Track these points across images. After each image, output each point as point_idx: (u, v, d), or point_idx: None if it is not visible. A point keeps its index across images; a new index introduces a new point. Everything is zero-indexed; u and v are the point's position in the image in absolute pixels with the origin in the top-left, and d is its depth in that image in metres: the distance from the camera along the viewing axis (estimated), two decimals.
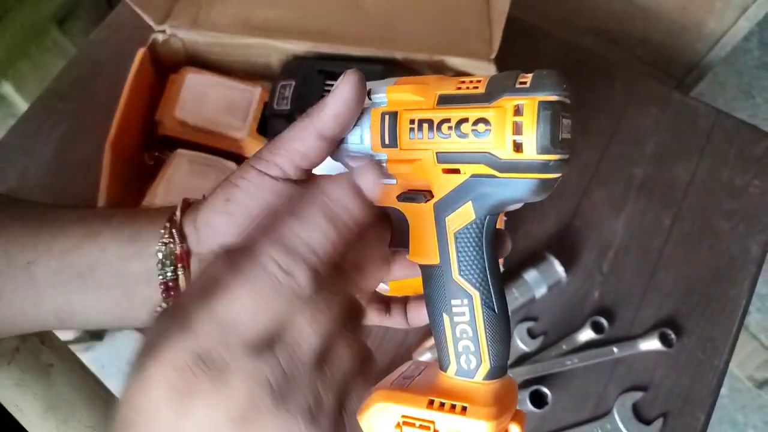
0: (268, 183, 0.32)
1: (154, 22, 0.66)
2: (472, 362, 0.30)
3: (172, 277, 0.33)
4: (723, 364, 0.66)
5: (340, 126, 0.31)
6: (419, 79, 0.31)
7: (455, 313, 0.30)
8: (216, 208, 0.32)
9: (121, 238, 0.34)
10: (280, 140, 0.32)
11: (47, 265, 0.34)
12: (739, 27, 0.90)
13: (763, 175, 0.74)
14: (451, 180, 0.30)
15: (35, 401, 0.44)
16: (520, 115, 0.27)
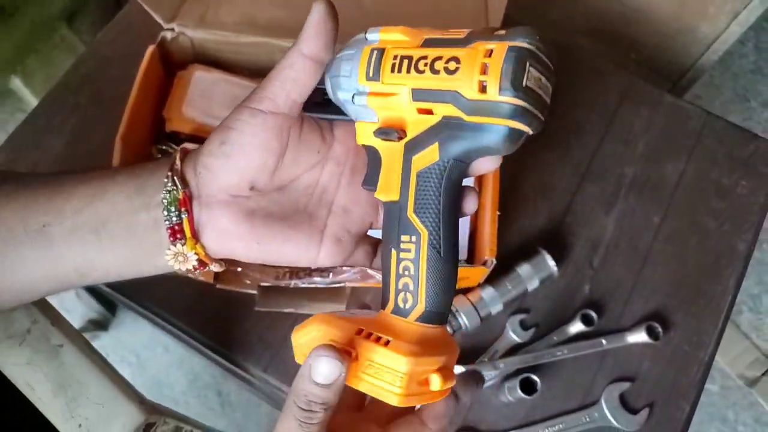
0: (261, 119, 0.34)
1: (163, 21, 0.68)
2: (408, 301, 0.32)
3: (177, 221, 0.35)
4: (708, 357, 0.68)
5: (321, 43, 0.34)
6: (415, 29, 0.33)
7: (402, 249, 0.32)
8: (212, 152, 0.34)
9: (129, 192, 0.35)
10: (272, 72, 0.34)
11: (62, 225, 0.35)
12: (731, 31, 0.92)
13: (750, 176, 0.77)
14: (424, 121, 0.32)
15: (46, 380, 0.46)
16: (489, 57, 0.29)
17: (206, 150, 0.34)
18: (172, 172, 0.35)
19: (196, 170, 0.35)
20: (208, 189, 0.35)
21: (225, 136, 0.34)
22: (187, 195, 0.34)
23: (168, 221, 0.34)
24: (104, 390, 0.45)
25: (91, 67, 0.78)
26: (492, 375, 0.65)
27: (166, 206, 0.34)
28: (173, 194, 0.34)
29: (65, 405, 0.44)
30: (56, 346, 0.45)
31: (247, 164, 0.34)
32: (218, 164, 0.34)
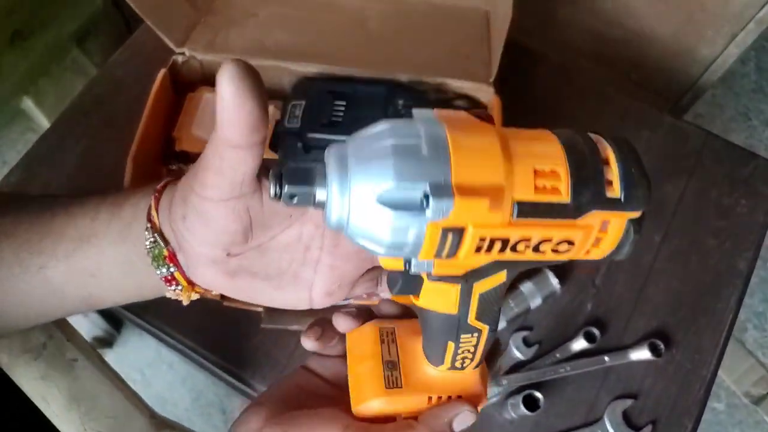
0: (210, 206, 0.31)
1: (175, 45, 0.70)
2: (466, 363, 0.33)
3: (168, 273, 0.35)
4: (710, 375, 0.69)
5: (244, 129, 0.28)
6: (476, 131, 0.25)
7: (462, 342, 0.31)
8: (177, 223, 0.32)
9: (113, 239, 0.35)
10: (203, 159, 0.30)
11: (57, 268, 0.35)
12: (730, 53, 0.94)
13: (750, 195, 0.78)
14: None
15: (60, 394, 0.47)
16: (605, 231, 0.26)
17: (174, 216, 0.32)
18: (151, 225, 0.34)
19: (172, 227, 0.33)
20: (188, 248, 0.33)
21: (184, 211, 0.31)
22: (171, 252, 0.34)
23: (159, 273, 0.34)
24: (117, 404, 0.46)
25: (104, 89, 0.81)
26: (495, 392, 0.65)
27: (154, 259, 0.34)
28: (158, 248, 0.34)
29: (78, 419, 0.45)
30: (71, 360, 0.46)
31: (214, 239, 0.32)
32: (187, 234, 0.32)
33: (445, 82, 0.71)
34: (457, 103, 0.71)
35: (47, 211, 0.36)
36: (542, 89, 0.83)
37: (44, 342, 0.48)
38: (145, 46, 0.83)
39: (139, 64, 0.81)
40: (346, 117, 0.66)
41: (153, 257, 0.34)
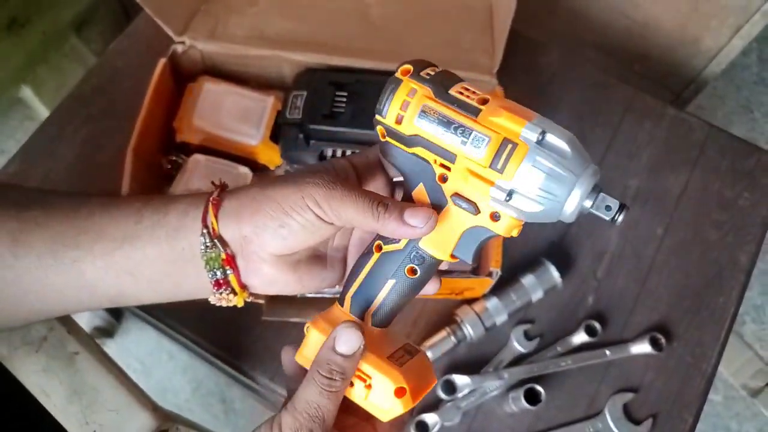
0: (318, 225, 0.36)
1: (174, 34, 0.69)
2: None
3: (222, 276, 0.37)
4: (711, 369, 0.69)
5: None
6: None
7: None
8: (267, 228, 0.36)
9: (158, 241, 0.36)
10: (343, 205, 0.35)
11: (93, 264, 0.36)
12: (734, 44, 0.93)
13: (753, 188, 0.77)
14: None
15: (61, 387, 0.47)
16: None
17: (261, 223, 0.36)
18: (207, 230, 0.36)
19: (241, 232, 0.36)
20: (255, 249, 0.36)
21: (284, 221, 0.35)
22: (230, 256, 0.36)
23: (212, 275, 0.36)
24: (118, 397, 0.46)
25: (103, 78, 0.80)
26: (496, 385, 0.65)
27: (208, 262, 0.36)
28: (214, 252, 0.36)
29: (80, 411, 0.45)
30: (72, 353, 0.46)
31: (298, 246, 0.36)
32: (271, 241, 0.36)
33: None
34: None
35: (83, 208, 0.38)
36: (545, 79, 0.83)
37: (45, 335, 0.48)
38: (144, 35, 0.82)
39: (139, 53, 0.81)
40: (347, 108, 0.66)
41: (207, 260, 0.36)
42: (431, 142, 0.35)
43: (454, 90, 0.35)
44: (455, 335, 0.66)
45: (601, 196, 0.34)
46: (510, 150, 0.33)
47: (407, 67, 0.36)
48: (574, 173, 0.33)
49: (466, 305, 0.67)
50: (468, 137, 0.34)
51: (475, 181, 0.35)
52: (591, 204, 0.34)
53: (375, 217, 0.35)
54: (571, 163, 0.33)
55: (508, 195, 0.34)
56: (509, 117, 0.34)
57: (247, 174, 0.67)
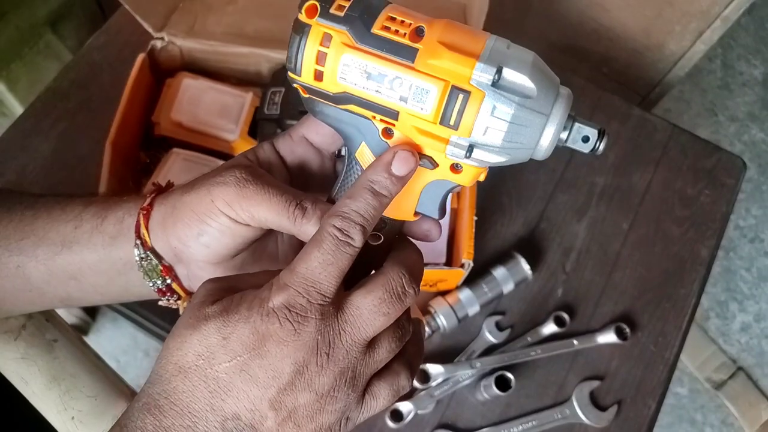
0: (240, 228, 0.33)
1: (153, 30, 0.70)
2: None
3: (163, 286, 0.36)
4: (673, 357, 0.72)
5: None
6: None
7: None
8: (189, 239, 0.33)
9: (96, 248, 0.35)
10: (252, 204, 0.32)
11: (36, 269, 0.36)
12: (697, 49, 0.97)
13: (713, 186, 0.81)
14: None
15: (40, 374, 0.48)
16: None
17: (182, 233, 0.34)
18: (142, 242, 0.34)
19: (169, 244, 0.34)
20: (189, 257, 0.35)
21: (202, 228, 0.33)
22: (166, 265, 0.35)
23: (153, 285, 0.35)
24: (97, 383, 0.47)
25: (80, 73, 0.80)
26: (469, 374, 0.67)
27: (146, 273, 0.35)
28: (150, 264, 0.35)
29: (59, 398, 0.46)
30: (51, 341, 0.47)
31: (227, 251, 0.34)
32: (197, 249, 0.34)
33: None
34: None
35: (29, 211, 0.37)
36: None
37: (24, 323, 0.49)
38: (122, 30, 0.82)
39: (116, 48, 0.81)
40: None
41: (145, 272, 0.35)
42: (364, 99, 0.29)
43: (378, 25, 0.29)
44: (429, 326, 0.68)
45: (576, 126, 0.30)
46: (462, 101, 0.28)
47: (312, 3, 0.29)
48: (543, 113, 0.28)
49: (439, 297, 0.69)
50: (408, 91, 0.28)
51: (426, 139, 0.30)
52: (566, 137, 0.30)
53: (291, 221, 0.32)
54: (537, 102, 0.28)
55: (467, 151, 0.29)
56: (453, 57, 0.28)
57: None
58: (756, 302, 1.48)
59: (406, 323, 0.32)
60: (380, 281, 0.30)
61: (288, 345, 0.28)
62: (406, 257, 0.32)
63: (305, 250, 0.30)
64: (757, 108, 1.70)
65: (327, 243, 0.29)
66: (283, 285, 0.29)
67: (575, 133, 0.30)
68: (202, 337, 0.29)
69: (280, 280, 0.30)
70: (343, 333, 0.29)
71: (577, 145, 0.30)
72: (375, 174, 0.31)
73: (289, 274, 0.29)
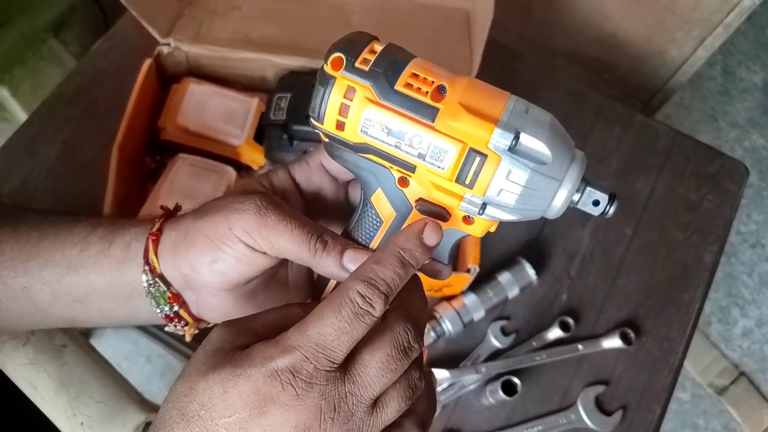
0: (256, 257, 0.33)
1: (160, 36, 0.70)
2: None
3: (171, 312, 0.35)
4: (678, 362, 0.72)
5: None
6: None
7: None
8: (201, 265, 0.33)
9: (103, 273, 0.35)
10: (272, 234, 0.32)
11: (42, 291, 0.35)
12: (698, 56, 0.98)
13: (716, 191, 0.81)
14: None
15: (49, 379, 0.48)
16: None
17: (194, 260, 0.33)
18: (149, 267, 0.34)
19: (180, 270, 0.34)
20: (200, 284, 0.34)
21: (217, 255, 0.32)
22: (174, 292, 0.34)
23: (161, 311, 0.35)
24: (106, 389, 0.47)
25: (85, 79, 0.80)
26: (474, 379, 0.67)
27: (154, 298, 0.34)
28: (158, 290, 0.34)
29: (67, 403, 0.45)
30: (59, 346, 0.47)
31: (240, 278, 0.34)
32: (210, 277, 0.33)
33: None
34: None
35: (35, 232, 0.36)
36: (520, 86, 0.86)
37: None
38: (127, 36, 0.83)
39: (121, 54, 0.81)
40: None
41: (152, 297, 0.35)
42: (384, 152, 0.30)
43: (402, 82, 0.29)
44: (435, 330, 0.68)
45: (588, 190, 0.30)
46: (479, 163, 0.29)
47: (338, 56, 0.30)
48: (556, 179, 0.29)
49: (445, 302, 0.69)
50: (426, 149, 0.29)
51: (441, 194, 0.31)
52: (577, 200, 0.31)
53: (311, 254, 0.32)
54: (551, 168, 0.29)
55: (481, 208, 0.30)
56: (473, 121, 0.29)
57: (231, 173, 0.68)
58: (757, 307, 1.48)
59: (417, 380, 0.31)
60: (387, 337, 0.29)
61: (289, 409, 0.27)
62: (412, 308, 0.31)
63: (320, 312, 0.29)
64: (757, 114, 1.70)
65: (346, 310, 0.28)
66: (291, 347, 0.28)
67: (586, 196, 0.30)
68: (208, 386, 0.28)
69: (288, 340, 0.28)
70: (349, 395, 0.28)
71: (588, 208, 0.31)
72: (406, 242, 0.31)
73: (300, 335, 0.28)
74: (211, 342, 0.30)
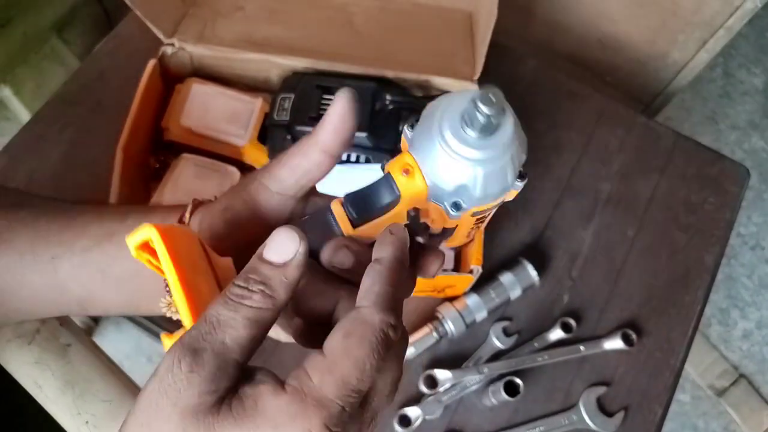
0: (270, 200, 0.35)
1: (164, 36, 0.71)
2: None
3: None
4: (679, 363, 0.72)
5: (339, 140, 0.34)
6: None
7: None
8: (215, 217, 0.35)
9: None
10: (285, 156, 0.35)
11: (70, 260, 0.37)
12: (700, 58, 0.98)
13: (717, 193, 0.82)
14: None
15: (54, 378, 0.48)
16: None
17: (212, 211, 0.35)
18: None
19: (202, 234, 0.35)
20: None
21: (228, 202, 0.35)
22: None
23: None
24: (111, 387, 0.47)
25: (89, 78, 0.80)
26: (476, 379, 0.68)
27: None
28: None
29: (72, 402, 0.46)
30: (64, 345, 0.47)
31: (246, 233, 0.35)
32: (225, 230, 0.35)
33: (430, 79, 0.73)
34: None
35: (75, 209, 0.38)
36: (522, 87, 0.86)
37: (37, 327, 0.49)
38: (131, 36, 0.83)
39: (125, 54, 0.81)
40: None
41: None
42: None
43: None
44: (437, 331, 0.68)
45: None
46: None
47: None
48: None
49: (447, 302, 0.69)
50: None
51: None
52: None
53: (311, 134, 0.34)
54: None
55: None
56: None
57: (235, 173, 0.68)
58: (757, 309, 1.49)
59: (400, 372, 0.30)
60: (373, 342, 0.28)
61: None
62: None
63: (350, 353, 0.26)
64: (757, 116, 1.71)
65: (381, 346, 0.26)
66: (325, 399, 0.25)
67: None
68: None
69: (321, 390, 0.25)
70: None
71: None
72: (402, 259, 0.32)
73: (334, 383, 0.25)
74: (183, 397, 0.25)
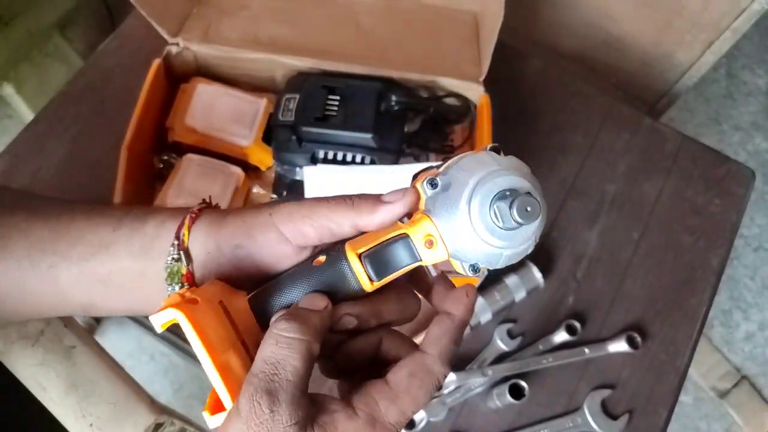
0: (285, 249, 0.34)
1: (168, 35, 0.70)
2: None
3: (180, 292, 0.35)
4: (684, 366, 0.72)
5: (376, 222, 0.33)
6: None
7: None
8: (224, 248, 0.34)
9: (132, 250, 0.36)
10: (314, 211, 0.33)
11: (68, 270, 0.36)
12: (705, 59, 0.98)
13: (723, 195, 0.81)
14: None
15: (58, 380, 0.48)
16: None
17: (222, 239, 0.34)
18: (178, 241, 0.35)
19: (205, 248, 0.35)
20: (215, 266, 0.35)
21: (242, 241, 0.34)
22: (190, 272, 0.35)
23: (171, 289, 0.35)
24: (116, 390, 0.47)
25: (93, 78, 0.80)
26: (481, 382, 0.67)
27: (170, 274, 0.35)
28: (177, 266, 0.35)
29: (77, 404, 0.45)
30: (69, 347, 0.47)
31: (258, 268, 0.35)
32: (228, 257, 0.34)
33: (436, 80, 0.72)
34: (447, 101, 0.73)
35: (66, 214, 0.37)
36: (528, 88, 0.86)
37: (42, 329, 0.49)
38: (135, 35, 0.82)
39: (129, 53, 0.81)
40: (339, 111, 0.67)
41: (169, 273, 0.35)
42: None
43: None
44: None
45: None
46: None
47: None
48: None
49: None
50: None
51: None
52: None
53: (349, 205, 0.33)
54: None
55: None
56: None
57: (239, 174, 0.68)
58: (760, 311, 1.48)
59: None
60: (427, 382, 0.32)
61: None
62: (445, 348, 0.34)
63: (412, 393, 0.32)
64: (761, 118, 1.70)
65: (432, 391, 0.32)
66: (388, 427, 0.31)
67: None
68: None
69: (386, 418, 0.31)
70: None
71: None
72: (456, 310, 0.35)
73: (400, 415, 0.31)
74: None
